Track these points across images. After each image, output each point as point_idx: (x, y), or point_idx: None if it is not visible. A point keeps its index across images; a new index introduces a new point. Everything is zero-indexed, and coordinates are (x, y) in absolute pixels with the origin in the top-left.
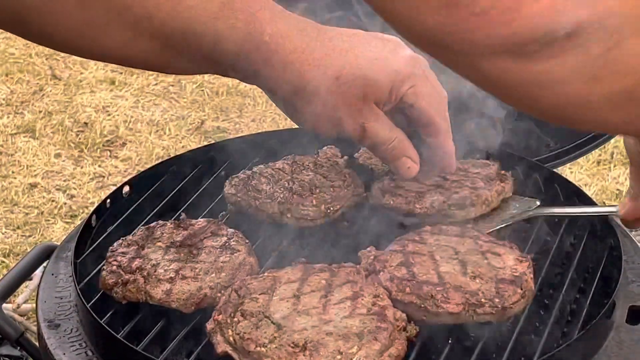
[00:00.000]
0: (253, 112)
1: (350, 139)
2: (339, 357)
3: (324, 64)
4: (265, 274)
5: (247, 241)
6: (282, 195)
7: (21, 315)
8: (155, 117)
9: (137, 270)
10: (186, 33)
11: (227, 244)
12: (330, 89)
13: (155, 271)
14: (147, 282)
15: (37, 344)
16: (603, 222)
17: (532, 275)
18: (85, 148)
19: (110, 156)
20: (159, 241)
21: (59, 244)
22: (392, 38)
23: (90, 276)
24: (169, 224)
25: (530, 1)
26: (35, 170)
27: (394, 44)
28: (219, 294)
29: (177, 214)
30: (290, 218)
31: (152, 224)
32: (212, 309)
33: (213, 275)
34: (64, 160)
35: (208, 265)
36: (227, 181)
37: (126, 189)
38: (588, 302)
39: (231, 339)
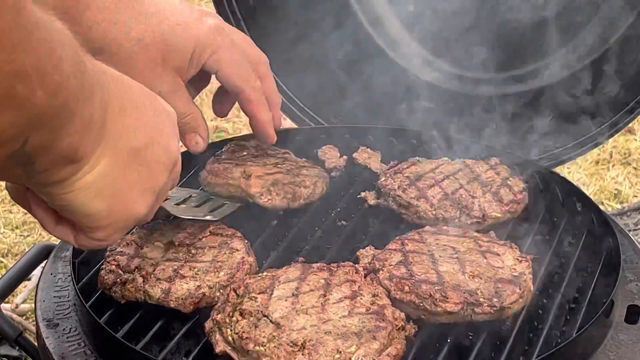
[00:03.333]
0: None
1: None
2: (337, 356)
3: (128, 26)
4: (264, 273)
5: (246, 241)
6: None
7: (20, 315)
8: None
9: (136, 270)
10: None
11: (225, 243)
12: (132, 51)
13: (154, 270)
14: (145, 281)
15: (35, 343)
16: (602, 222)
17: (531, 275)
18: None
19: None
20: (158, 240)
21: (57, 243)
22: (203, 9)
23: (88, 275)
24: (167, 224)
25: None
26: None
27: (201, 13)
28: (218, 294)
29: None
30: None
31: (150, 224)
32: (211, 308)
33: (212, 274)
34: None
35: (207, 265)
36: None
37: None
38: (587, 301)
39: (230, 338)
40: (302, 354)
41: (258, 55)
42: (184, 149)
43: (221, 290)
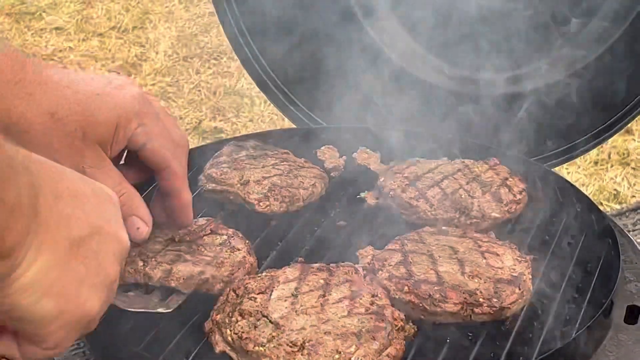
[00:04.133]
0: (251, 112)
1: None
2: (337, 356)
3: (38, 99)
4: (264, 273)
5: (246, 241)
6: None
7: None
8: None
9: (137, 255)
10: None
11: (227, 242)
12: (45, 127)
13: (155, 256)
14: (146, 264)
15: None
16: (601, 222)
17: (530, 275)
18: None
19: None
20: (158, 237)
21: None
22: (122, 77)
23: None
24: (166, 223)
25: None
26: None
27: (122, 81)
28: (219, 286)
29: None
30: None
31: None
32: (210, 309)
33: (214, 268)
34: None
35: (209, 259)
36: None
37: None
38: (586, 301)
39: (229, 338)
40: (302, 354)
41: (181, 136)
42: None
43: (222, 284)
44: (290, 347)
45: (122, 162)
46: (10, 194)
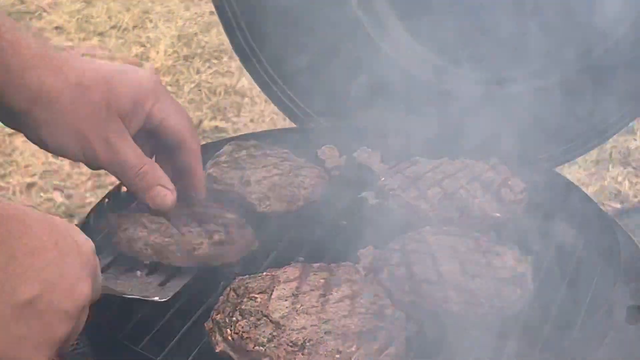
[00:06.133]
0: (251, 112)
1: (96, 161)
2: (337, 356)
3: (65, 71)
4: (264, 273)
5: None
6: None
7: None
8: None
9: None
10: None
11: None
12: (73, 96)
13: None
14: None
15: None
16: (602, 222)
17: (531, 275)
18: None
19: None
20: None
21: None
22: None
23: None
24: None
25: None
26: (32, 170)
27: (134, 65)
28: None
29: None
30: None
31: None
32: (210, 308)
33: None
34: (61, 160)
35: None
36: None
37: (125, 188)
38: (587, 301)
39: (230, 338)
40: (302, 354)
41: (189, 116)
42: None
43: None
44: (291, 346)
45: None
46: None
